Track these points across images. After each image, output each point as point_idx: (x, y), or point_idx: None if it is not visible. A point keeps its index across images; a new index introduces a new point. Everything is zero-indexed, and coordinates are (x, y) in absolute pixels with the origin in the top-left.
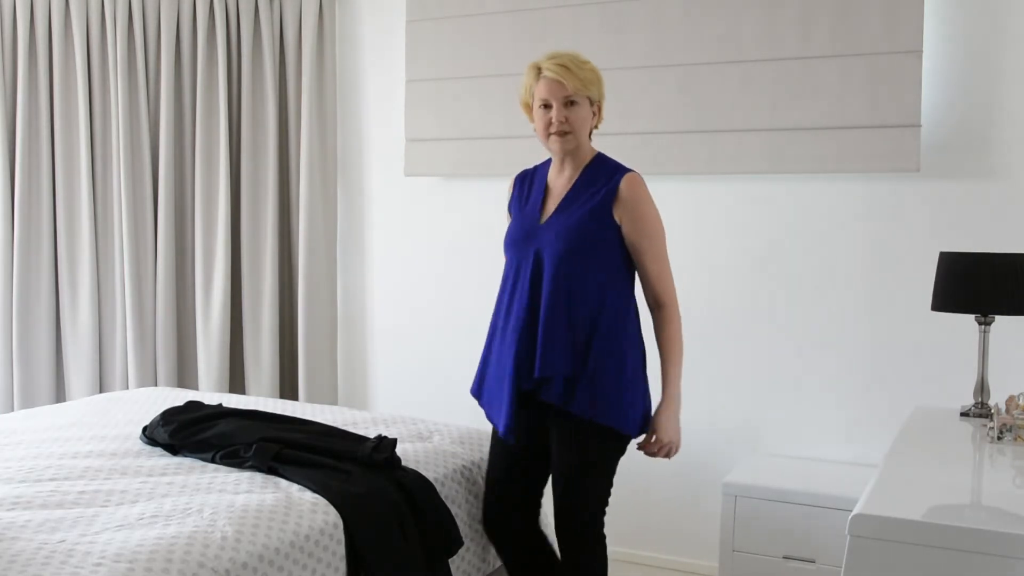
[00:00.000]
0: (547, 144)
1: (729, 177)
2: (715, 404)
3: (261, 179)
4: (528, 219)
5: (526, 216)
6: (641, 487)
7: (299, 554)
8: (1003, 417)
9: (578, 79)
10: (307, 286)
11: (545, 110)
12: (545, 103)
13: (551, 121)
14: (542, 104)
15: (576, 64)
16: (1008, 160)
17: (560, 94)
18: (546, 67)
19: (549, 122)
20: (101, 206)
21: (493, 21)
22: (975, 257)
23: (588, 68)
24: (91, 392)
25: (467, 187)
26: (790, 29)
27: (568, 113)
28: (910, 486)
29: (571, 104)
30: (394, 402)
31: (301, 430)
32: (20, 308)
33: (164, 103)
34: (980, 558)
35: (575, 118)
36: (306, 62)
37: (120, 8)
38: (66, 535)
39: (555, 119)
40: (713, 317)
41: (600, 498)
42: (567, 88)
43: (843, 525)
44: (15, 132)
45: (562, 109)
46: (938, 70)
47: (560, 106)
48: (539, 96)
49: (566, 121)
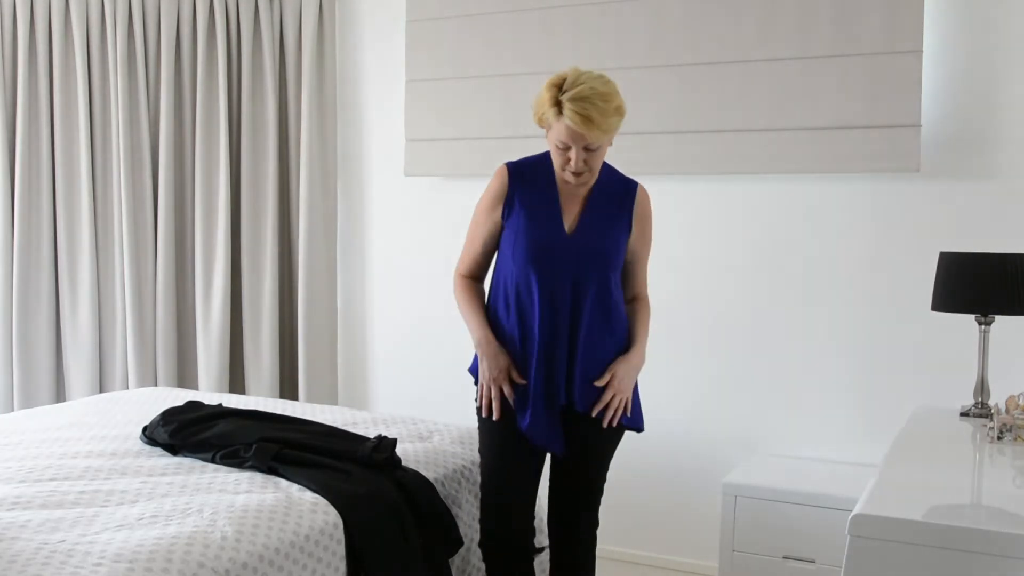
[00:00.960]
0: (560, 175)
1: (729, 177)
2: (715, 404)
3: (261, 179)
4: (550, 228)
5: (546, 224)
6: (641, 487)
7: (299, 554)
8: (1003, 417)
9: (600, 130)
10: (307, 286)
11: (563, 151)
12: (563, 145)
13: (569, 160)
14: (559, 145)
15: (600, 112)
16: (1008, 160)
17: (581, 142)
18: (569, 110)
19: (567, 160)
20: (101, 206)
21: (493, 21)
22: (975, 257)
23: (612, 110)
24: (91, 392)
25: (467, 187)
26: (790, 29)
27: (588, 156)
28: (910, 486)
29: (590, 150)
30: (394, 402)
31: (301, 430)
32: (20, 308)
33: (164, 103)
34: (980, 558)
35: (593, 160)
36: (306, 62)
37: (120, 8)
38: (66, 535)
39: (574, 163)
40: (713, 317)
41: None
42: (587, 139)
43: (843, 525)
44: (15, 132)
45: (581, 153)
46: (938, 70)
47: (579, 150)
48: (558, 137)
49: (585, 163)
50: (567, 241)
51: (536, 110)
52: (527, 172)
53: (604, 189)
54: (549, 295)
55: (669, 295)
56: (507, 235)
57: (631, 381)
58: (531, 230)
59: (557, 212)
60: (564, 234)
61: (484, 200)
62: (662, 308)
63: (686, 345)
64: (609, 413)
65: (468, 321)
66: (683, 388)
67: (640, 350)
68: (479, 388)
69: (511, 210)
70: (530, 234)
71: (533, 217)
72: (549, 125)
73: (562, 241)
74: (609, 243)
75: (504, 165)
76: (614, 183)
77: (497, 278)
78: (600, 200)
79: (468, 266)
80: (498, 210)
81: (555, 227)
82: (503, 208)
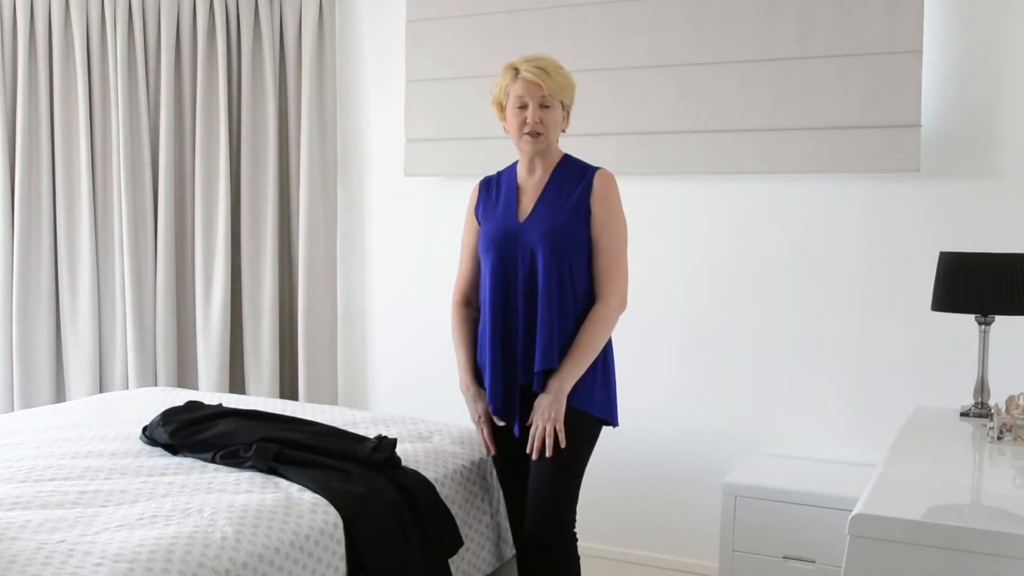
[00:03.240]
0: (519, 143)
1: (729, 177)
2: (715, 404)
3: (261, 179)
4: (506, 219)
5: (503, 216)
6: (641, 487)
7: (299, 554)
8: (1003, 417)
9: (555, 82)
10: (307, 286)
11: (520, 110)
12: (521, 103)
13: (526, 120)
14: (517, 104)
15: (554, 68)
16: (1008, 160)
17: (536, 95)
18: (524, 68)
19: (524, 121)
20: (101, 206)
21: (493, 21)
22: (975, 257)
23: (564, 73)
24: (91, 392)
25: (467, 187)
26: (789, 29)
27: (542, 115)
28: (910, 486)
29: (545, 107)
30: (394, 402)
31: (301, 430)
32: (20, 308)
33: (164, 103)
34: (980, 558)
35: (548, 120)
36: (306, 62)
37: (120, 8)
38: (66, 535)
39: (530, 119)
40: (713, 317)
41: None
42: (543, 90)
43: (843, 525)
44: (15, 132)
45: (537, 110)
46: (938, 70)
47: (535, 107)
48: (515, 95)
49: (540, 122)
50: (519, 227)
51: (496, 94)
52: (494, 179)
53: (561, 179)
54: (503, 279)
55: (668, 295)
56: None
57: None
58: (489, 224)
59: (513, 205)
60: (517, 222)
61: (467, 212)
62: (661, 308)
63: (686, 345)
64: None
65: (457, 360)
66: (683, 388)
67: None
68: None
69: (479, 216)
70: (487, 228)
71: (493, 213)
72: (507, 96)
73: (514, 228)
74: (560, 224)
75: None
76: (571, 175)
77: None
78: (554, 188)
79: (460, 285)
80: (473, 217)
81: (510, 217)
82: (475, 213)
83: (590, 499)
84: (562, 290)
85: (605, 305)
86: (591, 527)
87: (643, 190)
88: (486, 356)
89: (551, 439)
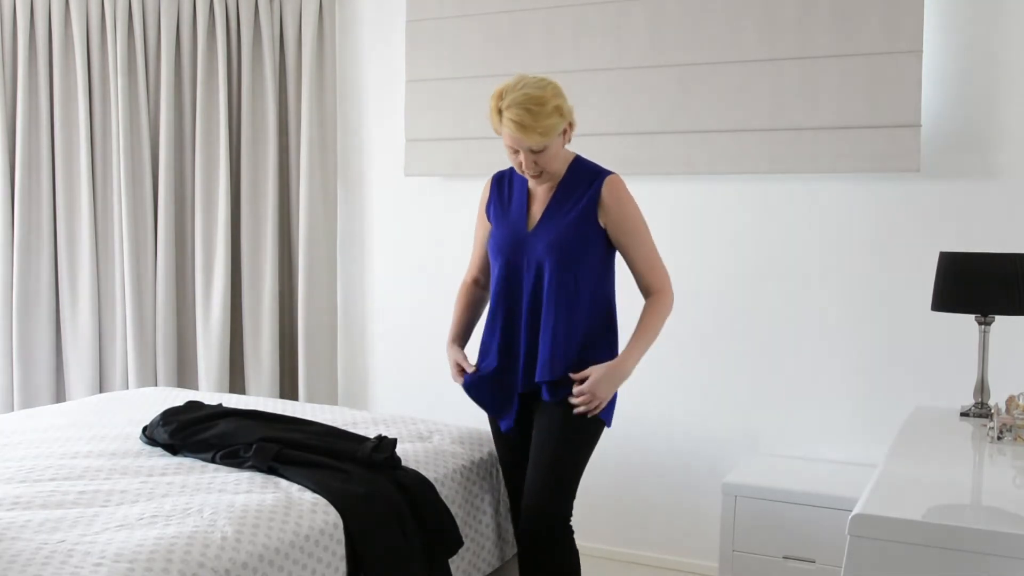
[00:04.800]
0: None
1: (729, 177)
2: (715, 404)
3: (261, 179)
4: (515, 226)
5: (512, 223)
6: (641, 487)
7: (299, 554)
8: (1003, 417)
9: (537, 133)
10: (307, 286)
11: (514, 154)
12: (513, 148)
13: (521, 164)
14: (510, 147)
15: (534, 116)
16: (1008, 160)
17: (525, 144)
18: (506, 119)
19: (519, 163)
20: (101, 206)
21: (493, 21)
22: (975, 257)
23: (548, 112)
24: (91, 392)
25: (467, 187)
26: (790, 29)
27: (536, 158)
28: (910, 486)
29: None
30: (394, 402)
31: (301, 430)
32: (20, 308)
33: (164, 103)
34: (980, 558)
35: (544, 160)
36: (306, 62)
37: (120, 8)
38: (66, 535)
39: (525, 165)
40: (713, 317)
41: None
42: (530, 139)
43: (843, 525)
44: (15, 132)
45: (530, 155)
46: (938, 70)
47: (527, 153)
48: (505, 142)
49: (535, 165)
50: (527, 237)
51: (492, 124)
52: (506, 178)
53: (569, 186)
54: (509, 285)
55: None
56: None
57: (607, 387)
58: (498, 229)
59: (523, 212)
60: (525, 230)
61: (479, 207)
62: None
63: (686, 345)
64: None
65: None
66: (683, 388)
67: (626, 358)
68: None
69: (490, 214)
70: (496, 233)
71: (502, 218)
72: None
73: (522, 236)
74: (566, 235)
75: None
76: (580, 181)
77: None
78: (562, 196)
79: (472, 268)
80: (484, 214)
81: (519, 225)
82: (486, 211)
83: (590, 499)
84: (569, 302)
85: (664, 295)
86: (591, 527)
87: (642, 190)
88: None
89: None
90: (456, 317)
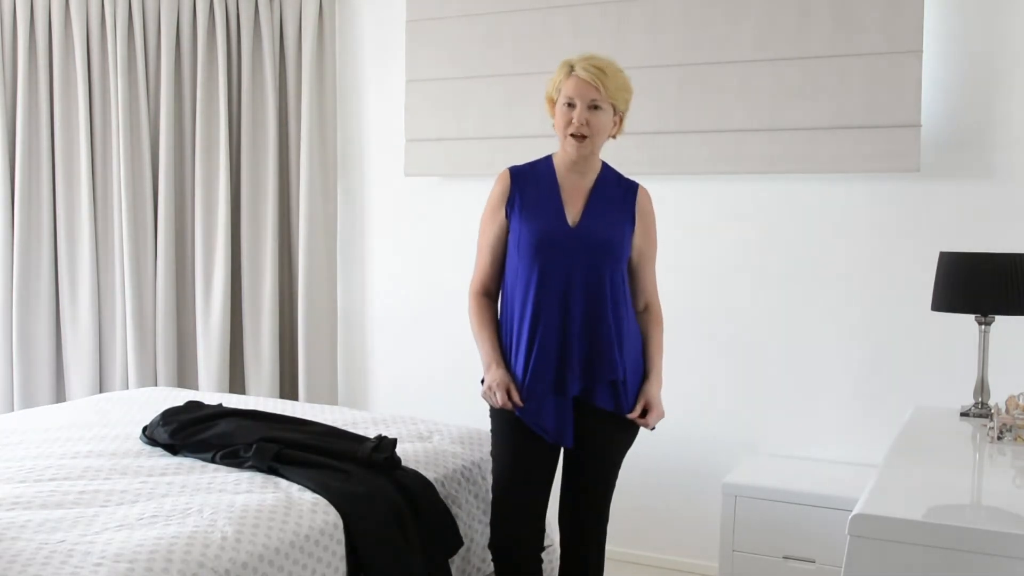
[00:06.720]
0: (563, 144)
1: (729, 177)
2: (715, 404)
3: (261, 179)
4: (555, 221)
5: (551, 218)
6: (641, 487)
7: (299, 554)
8: (1003, 417)
9: (611, 84)
10: (307, 286)
11: (568, 108)
12: (570, 101)
13: (571, 120)
14: (567, 102)
15: (612, 69)
16: (1008, 160)
17: (587, 96)
18: (580, 66)
19: (569, 121)
20: (101, 206)
21: (493, 21)
22: (975, 257)
23: (622, 76)
24: (91, 392)
25: (467, 187)
26: (790, 29)
27: (590, 116)
28: (910, 486)
29: (595, 108)
30: (394, 402)
31: (301, 430)
32: (20, 308)
33: (164, 103)
34: (980, 558)
35: (596, 123)
36: (306, 62)
37: (120, 8)
38: (66, 535)
39: (576, 119)
40: (713, 317)
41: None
42: (597, 91)
43: (843, 525)
44: (15, 132)
45: (584, 111)
46: (938, 70)
47: (583, 107)
48: (565, 93)
49: (586, 124)
50: (571, 233)
51: (548, 90)
52: (528, 173)
53: (605, 185)
54: (556, 287)
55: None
56: (512, 236)
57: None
58: (534, 224)
59: (560, 206)
60: (568, 226)
61: (488, 204)
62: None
63: (686, 345)
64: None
65: (479, 341)
66: (683, 388)
67: (658, 375)
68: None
69: (513, 209)
70: (533, 228)
71: (536, 212)
72: (558, 91)
73: (566, 233)
74: (614, 234)
75: (506, 169)
76: (615, 181)
77: (505, 283)
78: (602, 194)
79: (479, 279)
80: (502, 211)
81: (559, 220)
82: (506, 208)
83: None
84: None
85: (659, 311)
86: None
87: None
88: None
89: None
90: (487, 336)
